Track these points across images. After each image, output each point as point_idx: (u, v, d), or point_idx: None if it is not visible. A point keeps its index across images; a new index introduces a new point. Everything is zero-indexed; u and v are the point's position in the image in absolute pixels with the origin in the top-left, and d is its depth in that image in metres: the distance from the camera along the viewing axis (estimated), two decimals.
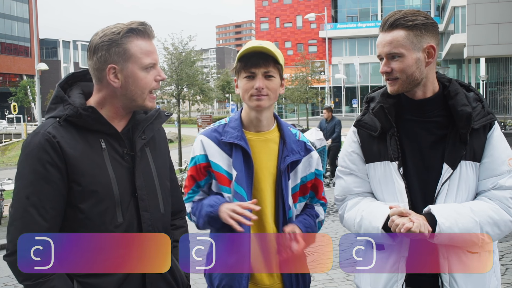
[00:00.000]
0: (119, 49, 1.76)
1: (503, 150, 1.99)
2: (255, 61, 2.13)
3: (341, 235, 8.11)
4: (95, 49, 1.77)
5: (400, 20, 1.93)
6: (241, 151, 2.18)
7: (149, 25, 1.83)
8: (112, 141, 1.81)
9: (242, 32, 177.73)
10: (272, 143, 2.25)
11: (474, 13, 30.76)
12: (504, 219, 1.92)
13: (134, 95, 1.80)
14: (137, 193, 1.83)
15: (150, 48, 1.82)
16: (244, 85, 2.16)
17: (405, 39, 1.93)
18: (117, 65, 1.77)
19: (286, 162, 2.20)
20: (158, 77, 1.84)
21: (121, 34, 1.76)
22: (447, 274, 1.95)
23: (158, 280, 1.88)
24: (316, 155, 2.34)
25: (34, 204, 1.68)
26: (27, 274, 1.67)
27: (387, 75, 2.00)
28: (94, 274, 1.75)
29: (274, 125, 2.30)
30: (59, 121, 1.75)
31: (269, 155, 2.23)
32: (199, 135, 2.31)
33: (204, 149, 2.23)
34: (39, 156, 1.69)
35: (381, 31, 1.99)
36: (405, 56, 1.94)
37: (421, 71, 1.97)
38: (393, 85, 2.00)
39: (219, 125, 2.29)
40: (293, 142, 2.26)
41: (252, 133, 2.25)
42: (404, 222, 1.83)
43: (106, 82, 1.79)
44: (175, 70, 28.20)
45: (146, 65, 1.80)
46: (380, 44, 1.98)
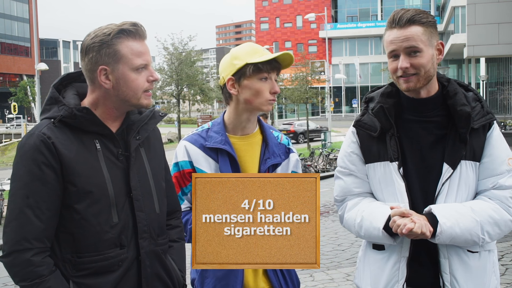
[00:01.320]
0: (110, 50, 1.75)
1: (503, 149, 1.99)
2: (274, 66, 2.16)
3: (341, 235, 8.11)
4: (86, 50, 1.77)
5: (416, 17, 1.93)
6: (227, 155, 2.19)
7: (141, 25, 1.82)
8: (106, 142, 1.81)
9: (242, 32, 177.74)
10: (255, 146, 2.27)
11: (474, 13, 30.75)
12: (504, 218, 1.93)
13: (126, 96, 1.80)
14: (132, 194, 1.82)
15: (142, 49, 1.80)
16: (259, 87, 2.16)
17: (423, 35, 1.93)
18: (108, 66, 1.76)
19: (267, 164, 2.22)
20: (150, 78, 1.83)
21: (112, 35, 1.75)
22: (448, 274, 1.95)
23: (154, 279, 1.88)
24: (295, 157, 2.37)
25: (29, 205, 1.68)
26: (23, 275, 1.67)
27: (403, 71, 1.95)
28: (90, 274, 1.75)
29: (257, 128, 2.32)
30: (53, 122, 1.75)
31: (252, 157, 2.25)
32: (182, 140, 2.31)
33: (188, 155, 2.23)
34: (34, 157, 1.69)
35: (395, 27, 1.94)
36: (424, 52, 1.93)
37: (435, 68, 1.98)
38: (409, 82, 1.96)
39: (202, 130, 2.29)
40: (275, 145, 2.29)
41: (236, 137, 2.26)
42: (405, 223, 1.83)
43: (98, 83, 1.79)
44: (175, 70, 28.22)
45: (137, 66, 1.79)
46: (397, 40, 1.93)
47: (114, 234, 1.78)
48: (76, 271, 1.75)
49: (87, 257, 1.75)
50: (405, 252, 1.99)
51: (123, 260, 1.80)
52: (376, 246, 2.10)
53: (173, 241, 2.04)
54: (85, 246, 1.75)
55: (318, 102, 46.95)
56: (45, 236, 1.70)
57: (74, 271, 1.75)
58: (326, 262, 6.56)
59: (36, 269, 1.67)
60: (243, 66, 2.14)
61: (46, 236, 1.71)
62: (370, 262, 2.13)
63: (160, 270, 1.91)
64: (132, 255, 1.83)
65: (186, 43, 28.83)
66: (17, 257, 1.67)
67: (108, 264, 1.77)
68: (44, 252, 1.71)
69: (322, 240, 7.77)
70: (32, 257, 1.67)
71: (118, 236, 1.79)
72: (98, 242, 1.75)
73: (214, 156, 2.21)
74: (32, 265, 1.67)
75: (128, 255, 1.81)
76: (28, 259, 1.66)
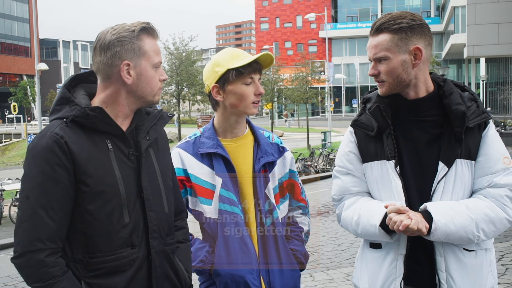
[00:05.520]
0: (134, 46, 1.79)
1: (498, 148, 2.01)
2: (256, 68, 2.19)
3: (341, 235, 8.12)
4: (108, 45, 1.78)
5: (385, 24, 1.98)
6: (221, 158, 2.21)
7: (155, 26, 1.88)
8: (118, 142, 1.82)
9: (242, 32, 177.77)
10: (247, 147, 2.29)
11: (474, 13, 30.79)
12: (499, 216, 1.94)
13: (144, 92, 1.83)
14: (143, 193, 1.83)
15: (158, 47, 1.87)
16: (243, 91, 2.18)
17: (389, 43, 1.97)
18: (131, 61, 1.79)
19: (261, 163, 2.24)
20: (161, 77, 1.88)
21: (136, 31, 1.79)
22: (444, 272, 1.97)
23: (163, 279, 1.89)
24: (290, 155, 2.39)
25: (42, 205, 1.68)
26: (37, 276, 1.67)
27: (375, 77, 2.05)
28: (102, 274, 1.75)
29: (247, 129, 2.34)
30: (65, 122, 1.75)
31: (245, 159, 2.27)
32: (176, 147, 2.33)
33: (182, 163, 2.25)
34: (47, 157, 1.69)
35: (370, 35, 2.04)
36: (390, 59, 1.98)
37: (408, 73, 1.99)
38: (381, 87, 2.05)
39: (194, 137, 2.32)
40: (266, 144, 2.31)
41: (227, 140, 2.28)
42: (402, 219, 1.85)
43: (116, 79, 1.80)
44: (176, 70, 28.24)
45: (156, 64, 1.84)
46: (368, 49, 2.04)
47: (126, 234, 1.78)
48: (87, 272, 1.75)
49: (99, 257, 1.75)
50: (402, 250, 2.01)
51: (135, 260, 1.81)
52: (373, 245, 2.11)
53: (179, 242, 2.04)
54: (97, 246, 1.75)
55: (318, 102, 46.97)
56: (57, 236, 1.70)
57: (85, 271, 1.75)
58: (326, 262, 6.57)
59: (50, 269, 1.66)
60: (225, 72, 2.17)
61: (58, 236, 1.71)
62: (368, 261, 2.14)
63: (169, 270, 1.92)
64: (143, 255, 1.83)
65: (187, 43, 28.89)
66: (30, 258, 1.66)
67: (119, 264, 1.77)
68: (57, 253, 1.70)
69: (322, 240, 7.78)
70: (46, 258, 1.66)
71: (129, 236, 1.79)
72: (110, 242, 1.76)
73: (208, 162, 2.23)
74: (46, 266, 1.66)
75: (139, 255, 1.82)
76: (42, 260, 1.66)
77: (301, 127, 46.15)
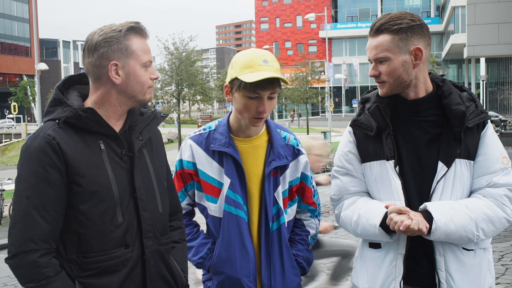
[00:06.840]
0: (121, 46, 1.79)
1: (496, 148, 2.01)
2: (264, 85, 2.04)
3: (341, 235, 8.11)
4: (96, 46, 1.79)
5: (385, 25, 1.98)
6: (231, 158, 2.18)
7: (144, 25, 1.88)
8: (110, 142, 1.83)
9: (242, 32, 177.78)
10: (260, 148, 2.24)
11: (474, 13, 30.79)
12: (498, 216, 1.95)
13: (134, 91, 1.83)
14: (136, 193, 1.84)
15: (147, 47, 1.87)
16: (245, 103, 2.09)
17: (390, 43, 1.97)
18: (119, 61, 1.79)
19: (271, 166, 2.19)
20: (152, 76, 1.88)
21: (122, 31, 1.80)
22: (444, 271, 1.97)
23: (158, 279, 1.89)
24: (304, 159, 2.30)
25: (35, 206, 1.69)
26: (30, 276, 1.68)
27: (376, 78, 2.05)
28: (96, 274, 1.76)
29: (263, 129, 2.28)
30: (58, 123, 1.76)
31: (256, 160, 2.22)
32: (188, 138, 2.29)
33: (193, 156, 2.23)
34: (39, 158, 1.70)
35: (369, 36, 2.04)
36: (391, 60, 1.98)
37: (409, 73, 2.00)
38: (382, 88, 2.05)
39: (209, 130, 2.26)
40: (280, 146, 2.23)
41: (240, 139, 2.23)
42: (402, 220, 1.85)
43: (105, 80, 1.81)
44: (176, 70, 28.23)
45: (145, 63, 1.84)
46: (368, 49, 2.04)
47: (119, 234, 1.79)
48: (81, 271, 1.76)
49: (93, 257, 1.76)
50: (401, 250, 2.01)
51: (128, 260, 1.81)
52: (372, 245, 2.12)
53: (175, 242, 2.05)
54: (91, 246, 1.76)
55: (318, 102, 46.97)
56: (51, 237, 1.71)
57: (79, 271, 1.76)
58: (326, 262, 6.57)
59: (43, 270, 1.67)
60: (234, 78, 2.10)
61: (52, 237, 1.72)
62: (367, 261, 2.14)
63: (164, 269, 1.92)
64: (137, 255, 1.84)
65: (187, 43, 28.88)
66: (23, 259, 1.67)
67: (113, 263, 1.78)
68: (50, 253, 1.71)
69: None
70: (39, 258, 1.67)
71: (123, 235, 1.80)
72: (104, 242, 1.76)
73: (218, 159, 2.20)
74: (39, 266, 1.67)
75: (133, 255, 1.83)
76: (35, 260, 1.67)
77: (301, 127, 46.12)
